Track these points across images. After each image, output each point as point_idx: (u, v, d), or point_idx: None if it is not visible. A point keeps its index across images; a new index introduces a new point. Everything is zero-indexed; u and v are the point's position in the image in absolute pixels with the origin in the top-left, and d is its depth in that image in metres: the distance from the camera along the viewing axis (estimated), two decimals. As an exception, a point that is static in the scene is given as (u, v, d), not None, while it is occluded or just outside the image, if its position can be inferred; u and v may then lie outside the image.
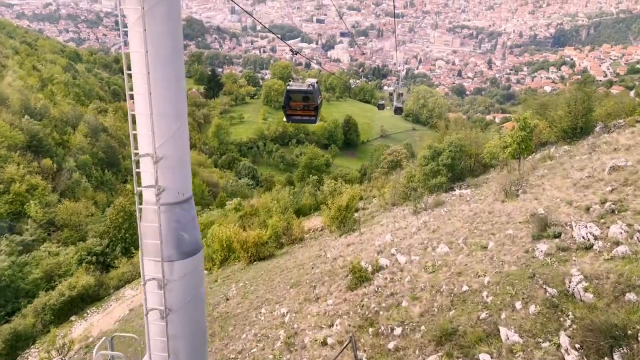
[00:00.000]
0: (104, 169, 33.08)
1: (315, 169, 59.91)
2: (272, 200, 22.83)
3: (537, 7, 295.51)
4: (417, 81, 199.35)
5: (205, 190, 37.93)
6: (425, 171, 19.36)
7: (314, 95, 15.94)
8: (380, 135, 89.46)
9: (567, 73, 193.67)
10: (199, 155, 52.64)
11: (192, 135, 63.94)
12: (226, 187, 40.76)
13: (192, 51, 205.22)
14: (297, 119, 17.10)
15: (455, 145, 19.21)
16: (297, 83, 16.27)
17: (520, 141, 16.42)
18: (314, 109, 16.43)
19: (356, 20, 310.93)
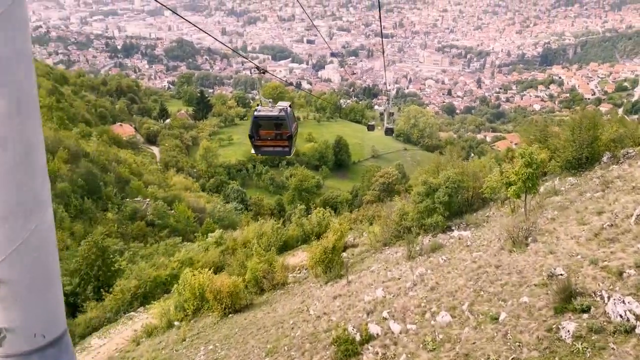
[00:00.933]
0: (84, 196, 31.58)
1: (306, 191, 58.87)
2: (255, 234, 21.31)
3: (524, 26, 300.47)
4: (408, 100, 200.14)
5: (191, 216, 36.43)
6: (419, 209, 17.66)
7: (287, 122, 13.89)
8: (371, 155, 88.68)
9: (556, 91, 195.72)
10: (185, 179, 51.31)
11: (179, 158, 62.76)
12: (213, 212, 39.30)
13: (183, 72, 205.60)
14: (267, 150, 15.18)
15: (452, 181, 17.47)
16: (266, 108, 14.17)
17: (526, 179, 14.39)
18: (288, 138, 14.31)
19: (346, 40, 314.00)
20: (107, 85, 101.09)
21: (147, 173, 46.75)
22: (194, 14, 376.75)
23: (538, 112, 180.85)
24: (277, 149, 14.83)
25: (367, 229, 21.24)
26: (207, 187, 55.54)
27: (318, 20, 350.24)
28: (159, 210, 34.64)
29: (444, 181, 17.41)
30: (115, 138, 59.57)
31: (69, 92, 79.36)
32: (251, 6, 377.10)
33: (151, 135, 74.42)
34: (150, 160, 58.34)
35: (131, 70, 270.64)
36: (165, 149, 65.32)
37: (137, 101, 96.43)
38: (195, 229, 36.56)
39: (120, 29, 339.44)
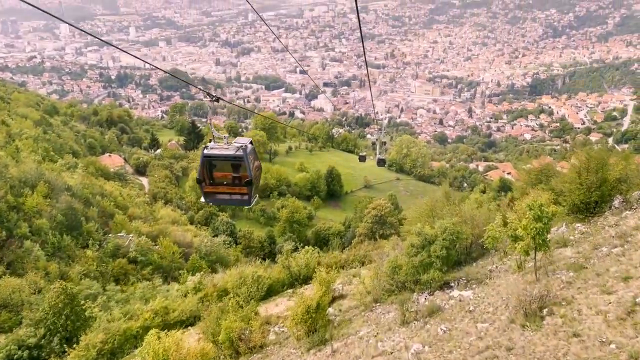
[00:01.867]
0: (63, 233, 30.16)
1: (297, 223, 57.66)
2: (234, 284, 19.87)
3: (513, 57, 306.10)
4: (400, 129, 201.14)
5: (177, 252, 35.00)
6: (414, 263, 15.91)
7: (245, 163, 11.44)
8: (364, 185, 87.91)
9: (546, 121, 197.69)
10: (173, 212, 49.91)
11: (168, 189, 61.42)
12: (200, 247, 37.88)
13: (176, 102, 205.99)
14: (221, 199, 12.62)
15: (450, 232, 15.90)
16: (220, 145, 11.62)
17: (536, 234, 12.58)
18: (247, 184, 11.73)
19: (339, 70, 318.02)
20: (98, 115, 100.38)
21: (133, 206, 45.36)
22: (189, 45, 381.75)
23: (529, 141, 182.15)
24: (234, 198, 12.29)
25: (357, 276, 19.73)
26: (195, 219, 54.11)
27: (311, 51, 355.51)
28: (142, 246, 33.21)
29: (440, 232, 15.73)
30: (102, 169, 58.37)
31: (58, 122, 78.56)
32: (245, 37, 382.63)
33: (141, 165, 73.23)
34: (138, 192, 56.98)
35: (125, 100, 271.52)
36: (154, 180, 64.08)
37: (127, 131, 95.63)
38: (180, 265, 35.07)
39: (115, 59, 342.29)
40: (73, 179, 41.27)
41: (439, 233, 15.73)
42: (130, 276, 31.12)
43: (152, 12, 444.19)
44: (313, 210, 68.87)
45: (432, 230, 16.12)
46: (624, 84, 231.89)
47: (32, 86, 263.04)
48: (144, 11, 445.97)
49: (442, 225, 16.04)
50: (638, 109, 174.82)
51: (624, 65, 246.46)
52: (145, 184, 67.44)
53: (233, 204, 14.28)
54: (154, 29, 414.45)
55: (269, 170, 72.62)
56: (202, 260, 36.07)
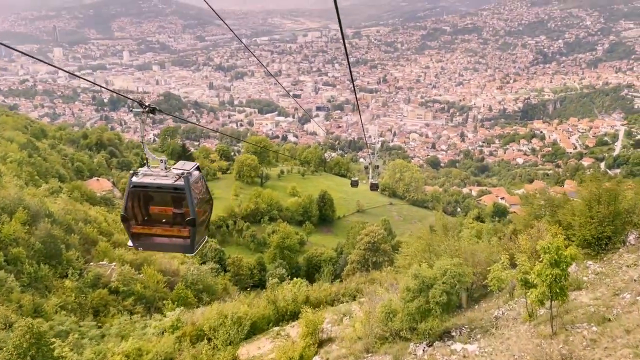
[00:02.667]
0: (41, 262, 28.69)
1: (288, 249, 56.25)
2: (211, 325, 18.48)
3: (504, 82, 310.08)
4: (393, 153, 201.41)
5: (161, 281, 33.51)
6: (410, 309, 14.15)
7: (187, 196, 8.76)
8: (356, 210, 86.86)
9: (538, 145, 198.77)
10: (160, 238, 48.49)
11: (156, 214, 60.08)
12: (186, 275, 36.42)
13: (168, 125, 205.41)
14: (156, 243, 9.62)
15: (451, 274, 14.10)
16: (155, 171, 9.09)
17: (552, 281, 10.96)
18: (189, 224, 9.00)
19: (332, 95, 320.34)
20: (88, 138, 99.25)
21: (118, 232, 43.83)
22: (182, 69, 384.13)
23: (521, 165, 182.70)
24: (175, 242, 9.47)
25: (348, 314, 18.26)
26: (183, 245, 52.73)
27: (304, 75, 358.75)
28: (125, 276, 31.68)
29: (440, 275, 13.92)
30: (88, 194, 56.91)
31: (46, 146, 77.24)
32: (239, 62, 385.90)
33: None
34: (125, 217, 55.62)
35: (117, 123, 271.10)
36: (142, 205, 62.72)
37: (117, 155, 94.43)
38: (165, 295, 33.49)
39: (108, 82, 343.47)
40: (55, 205, 39.85)
41: (438, 275, 14.12)
42: (111, 307, 29.48)
43: (146, 36, 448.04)
44: (305, 235, 67.54)
45: (431, 271, 14.47)
46: (614, 109, 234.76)
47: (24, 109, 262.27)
48: (138, 35, 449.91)
49: (441, 266, 14.38)
50: (629, 134, 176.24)
51: (614, 91, 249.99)
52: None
53: (172, 250, 11.38)
54: (147, 53, 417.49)
55: (260, 194, 71.46)
56: (187, 289, 34.50)
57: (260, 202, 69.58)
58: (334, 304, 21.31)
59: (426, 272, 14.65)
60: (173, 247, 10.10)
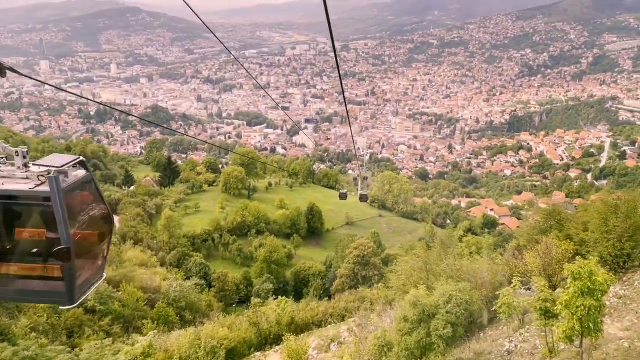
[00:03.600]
0: (11, 279, 26.85)
1: (275, 263, 54.74)
2: (187, 350, 17.14)
3: (491, 95, 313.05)
4: (381, 165, 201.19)
5: (141, 298, 31.90)
6: (407, 343, 12.11)
7: (56, 209, 5.53)
8: (345, 222, 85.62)
9: (525, 157, 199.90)
10: (142, 253, 46.69)
11: (139, 228, 58.22)
12: (168, 292, 34.85)
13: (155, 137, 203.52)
14: (9, 290, 6.11)
15: (456, 302, 12.09)
16: (7, 169, 6.14)
17: (586, 314, 8.75)
18: (59, 256, 5.56)
19: (320, 107, 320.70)
20: (71, 150, 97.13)
21: (97, 247, 42.17)
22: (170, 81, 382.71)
23: (509, 177, 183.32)
24: (40, 287, 5.98)
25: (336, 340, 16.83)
26: (167, 260, 50.94)
27: (293, 87, 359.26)
28: (101, 294, 30.05)
29: (443, 302, 11.95)
30: (69, 207, 55.20)
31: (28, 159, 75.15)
32: (227, 74, 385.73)
33: (112, 203, 70.04)
34: (106, 231, 53.83)
35: (104, 135, 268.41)
36: (125, 219, 60.91)
37: (101, 167, 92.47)
38: (145, 313, 31.86)
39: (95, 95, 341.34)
40: (31, 219, 38.07)
41: (440, 303, 12.22)
42: (86, 328, 27.79)
43: (134, 49, 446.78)
44: (293, 248, 66.09)
45: (432, 297, 12.52)
46: (599, 120, 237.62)
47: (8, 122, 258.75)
48: (125, 48, 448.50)
49: (445, 292, 12.38)
50: (615, 145, 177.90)
51: (599, 103, 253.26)
52: (117, 223, 64.15)
53: (39, 300, 7.29)
54: (135, 66, 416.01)
55: (247, 206, 69.99)
56: (169, 307, 32.91)
57: (247, 215, 68.07)
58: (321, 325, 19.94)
59: (426, 298, 12.80)
60: (39, 295, 6.21)
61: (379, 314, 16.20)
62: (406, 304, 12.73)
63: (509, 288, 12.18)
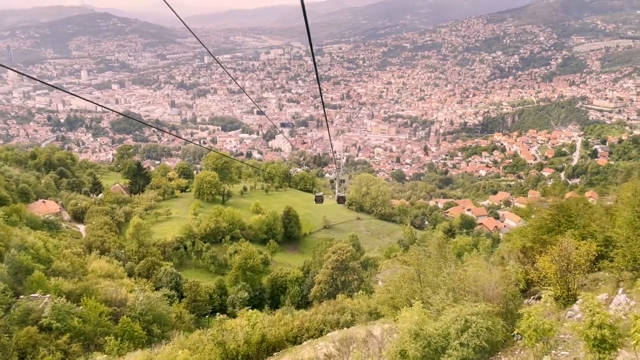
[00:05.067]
0: (-44, 297, 24.56)
1: (251, 270, 52.66)
2: None
3: (464, 97, 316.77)
4: (358, 168, 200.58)
5: (105, 313, 29.63)
6: None
7: None
8: (323, 226, 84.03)
9: (499, 157, 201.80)
10: (108, 263, 44.13)
11: (106, 237, 55.43)
12: (134, 305, 32.59)
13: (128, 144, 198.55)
14: None
15: (475, 331, 9.16)
16: None
17: None
18: None
19: (296, 111, 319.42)
20: (37, 158, 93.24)
21: (59, 259, 39.57)
22: (143, 87, 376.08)
23: (484, 177, 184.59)
24: None
25: None
26: (136, 270, 48.39)
27: (268, 92, 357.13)
28: (59, 309, 27.70)
29: (456, 331, 9.12)
30: (30, 218, 52.08)
31: (-13, 167, 71.60)
32: (201, 79, 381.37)
33: (79, 212, 66.95)
34: (70, 241, 50.89)
35: (74, 143, 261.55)
36: (92, 228, 58.03)
37: (68, 175, 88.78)
38: (108, 329, 29.58)
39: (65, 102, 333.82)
40: (-17, 231, 35.46)
41: (452, 332, 9.43)
42: (41, 348, 25.49)
43: (105, 55, 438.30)
44: (269, 254, 64.08)
45: (438, 323, 9.68)
46: (570, 120, 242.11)
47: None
48: (96, 54, 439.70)
49: (458, 316, 9.46)
50: (586, 144, 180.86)
51: (569, 104, 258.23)
52: (83, 232, 61.20)
53: None
54: (107, 72, 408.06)
55: (221, 212, 67.70)
56: (135, 321, 30.66)
57: (221, 221, 65.81)
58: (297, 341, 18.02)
59: (430, 324, 9.82)
60: None
61: (364, 340, 13.58)
62: (405, 335, 9.79)
63: (538, 305, 9.36)
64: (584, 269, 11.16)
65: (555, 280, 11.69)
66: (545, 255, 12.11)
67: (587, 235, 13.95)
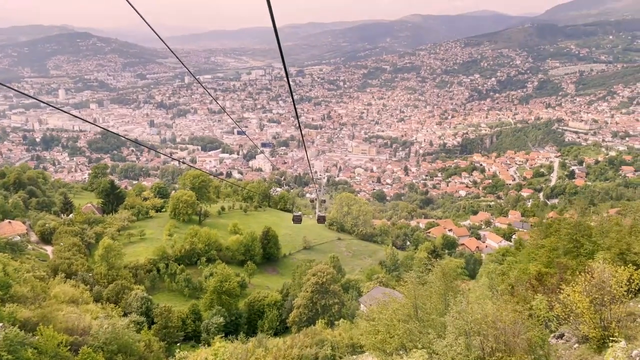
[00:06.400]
0: None
1: (227, 293, 50.24)
2: None
3: (443, 118, 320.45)
4: (339, 188, 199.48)
5: (63, 343, 27.16)
6: None
7: None
8: (303, 247, 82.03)
9: (479, 178, 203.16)
10: (73, 288, 41.35)
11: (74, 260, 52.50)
12: (98, 333, 30.12)
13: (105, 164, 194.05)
14: None
15: None
16: None
17: None
18: None
19: (276, 131, 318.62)
20: (5, 177, 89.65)
21: (18, 284, 36.86)
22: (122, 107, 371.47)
23: (464, 197, 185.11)
24: None
25: None
26: (104, 295, 45.63)
27: (249, 112, 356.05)
28: (12, 340, 25.19)
29: None
30: (-10, 239, 49.15)
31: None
32: (181, 99, 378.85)
33: (47, 233, 63.82)
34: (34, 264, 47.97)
35: (50, 163, 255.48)
36: (59, 250, 55.10)
37: (38, 195, 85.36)
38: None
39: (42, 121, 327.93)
40: None
41: None
42: (-12, 383, 22.98)
43: (84, 74, 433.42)
44: (247, 277, 61.71)
45: None
46: (546, 142, 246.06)
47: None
48: (75, 74, 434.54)
49: None
50: (563, 165, 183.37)
51: (545, 125, 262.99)
52: (51, 254, 58.14)
53: None
54: (85, 91, 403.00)
55: (197, 233, 65.29)
56: (97, 352, 28.22)
57: (196, 242, 63.37)
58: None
59: None
60: None
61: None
62: None
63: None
64: (623, 302, 9.36)
65: (589, 316, 9.99)
66: (573, 284, 10.12)
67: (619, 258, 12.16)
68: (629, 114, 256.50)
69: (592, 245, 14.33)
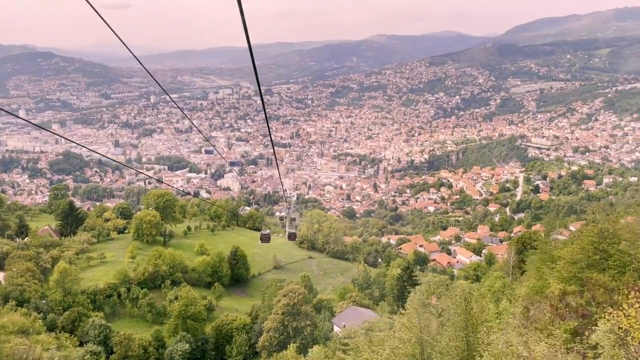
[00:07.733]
0: None
1: (192, 318, 47.76)
2: None
3: (410, 136, 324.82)
4: (309, 205, 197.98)
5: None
6: None
7: None
8: (273, 266, 79.86)
9: (447, 193, 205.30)
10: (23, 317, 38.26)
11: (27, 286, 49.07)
12: (49, 366, 27.49)
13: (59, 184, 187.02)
14: None
15: None
16: None
17: None
18: None
19: (245, 150, 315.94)
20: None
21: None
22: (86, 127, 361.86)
23: (433, 213, 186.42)
24: None
25: None
26: (59, 323, 42.52)
27: (216, 131, 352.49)
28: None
29: None
30: None
31: None
32: (147, 119, 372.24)
33: (-2, 258, 59.91)
34: (-18, 292, 44.51)
35: (9, 185, 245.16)
36: (11, 276, 51.47)
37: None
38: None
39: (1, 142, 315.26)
40: None
41: None
42: None
43: (46, 94, 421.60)
44: (214, 299, 59.21)
45: None
46: (510, 157, 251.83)
47: None
48: (36, 94, 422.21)
49: None
50: (528, 180, 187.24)
51: (509, 142, 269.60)
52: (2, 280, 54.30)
53: None
54: (47, 112, 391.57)
55: (162, 254, 62.46)
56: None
57: (161, 264, 60.58)
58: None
59: None
60: None
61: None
62: None
63: None
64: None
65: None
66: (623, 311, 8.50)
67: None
68: (588, 130, 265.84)
69: (623, 256, 12.76)
